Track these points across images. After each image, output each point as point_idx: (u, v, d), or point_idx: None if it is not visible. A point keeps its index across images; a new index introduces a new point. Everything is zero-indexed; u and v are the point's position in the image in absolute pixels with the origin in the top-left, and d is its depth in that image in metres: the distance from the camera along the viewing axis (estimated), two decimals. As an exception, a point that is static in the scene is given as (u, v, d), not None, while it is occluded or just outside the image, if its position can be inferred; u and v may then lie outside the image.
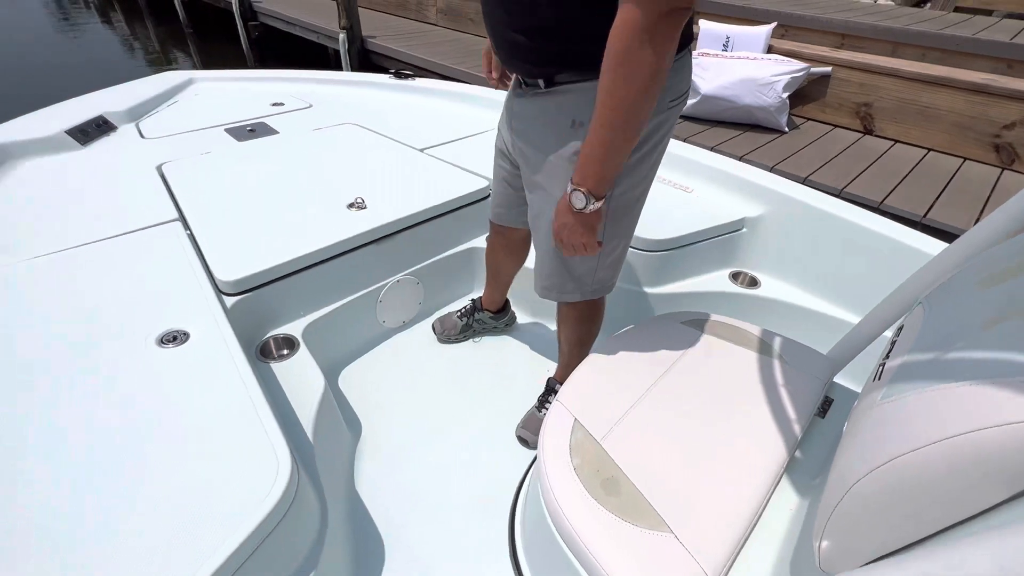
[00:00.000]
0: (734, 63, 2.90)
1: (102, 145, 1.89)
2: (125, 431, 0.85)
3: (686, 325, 1.14)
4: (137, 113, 2.16)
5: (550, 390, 1.41)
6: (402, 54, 4.62)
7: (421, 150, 1.95)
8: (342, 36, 4.79)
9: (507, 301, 1.72)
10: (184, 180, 1.64)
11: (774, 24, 3.39)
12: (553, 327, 1.41)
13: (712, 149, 2.51)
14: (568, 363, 1.34)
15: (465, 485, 1.27)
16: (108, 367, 0.96)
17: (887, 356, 0.74)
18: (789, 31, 3.58)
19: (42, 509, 0.73)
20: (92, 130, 1.94)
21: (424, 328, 1.72)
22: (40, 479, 0.77)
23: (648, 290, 1.62)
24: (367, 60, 4.98)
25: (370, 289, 1.54)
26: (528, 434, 1.37)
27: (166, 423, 0.87)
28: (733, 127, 3.03)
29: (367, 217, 1.50)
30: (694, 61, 2.99)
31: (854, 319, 1.45)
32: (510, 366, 1.63)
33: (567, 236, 0.90)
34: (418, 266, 1.65)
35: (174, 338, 1.04)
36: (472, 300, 1.70)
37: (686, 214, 1.67)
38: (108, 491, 0.76)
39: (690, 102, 3.03)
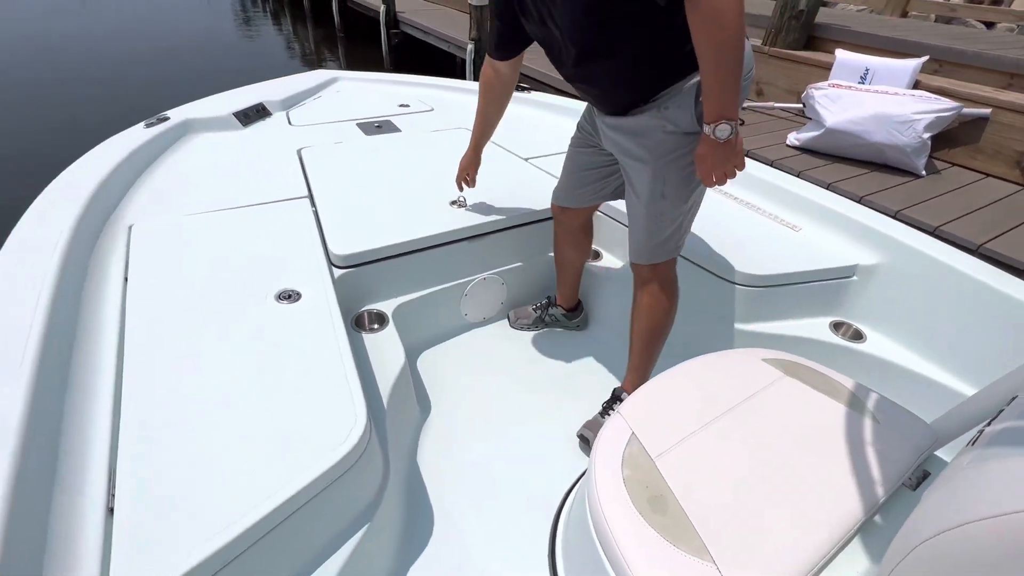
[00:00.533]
0: (869, 96, 2.68)
1: (258, 128, 2.22)
2: (240, 368, 1.01)
3: (768, 363, 1.09)
4: (289, 103, 2.50)
5: (615, 398, 1.44)
6: (525, 68, 4.81)
7: (525, 159, 2.05)
8: (470, 47, 5.10)
9: (580, 303, 1.78)
10: (316, 164, 1.88)
11: (925, 58, 3.08)
12: (626, 339, 1.43)
13: (828, 186, 2.35)
14: (637, 365, 1.38)
15: (517, 479, 1.32)
16: (234, 313, 1.15)
17: (989, 423, 0.69)
18: (944, 66, 3.23)
19: (171, 424, 0.90)
20: (252, 114, 2.28)
21: (501, 327, 1.81)
22: (171, 402, 0.94)
23: (736, 325, 1.55)
24: (490, 70, 5.24)
25: (458, 282, 1.66)
26: (590, 435, 1.41)
27: (272, 366, 1.02)
28: (857, 164, 2.78)
29: (466, 215, 1.62)
30: (823, 92, 2.82)
31: (970, 391, 1.30)
32: (579, 373, 1.66)
33: (720, 167, 1.06)
34: (505, 267, 1.74)
35: (289, 296, 1.21)
36: (548, 296, 1.77)
37: (790, 253, 1.58)
38: (222, 413, 0.92)
39: (812, 134, 2.84)
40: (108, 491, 0.80)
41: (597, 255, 1.89)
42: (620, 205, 1.45)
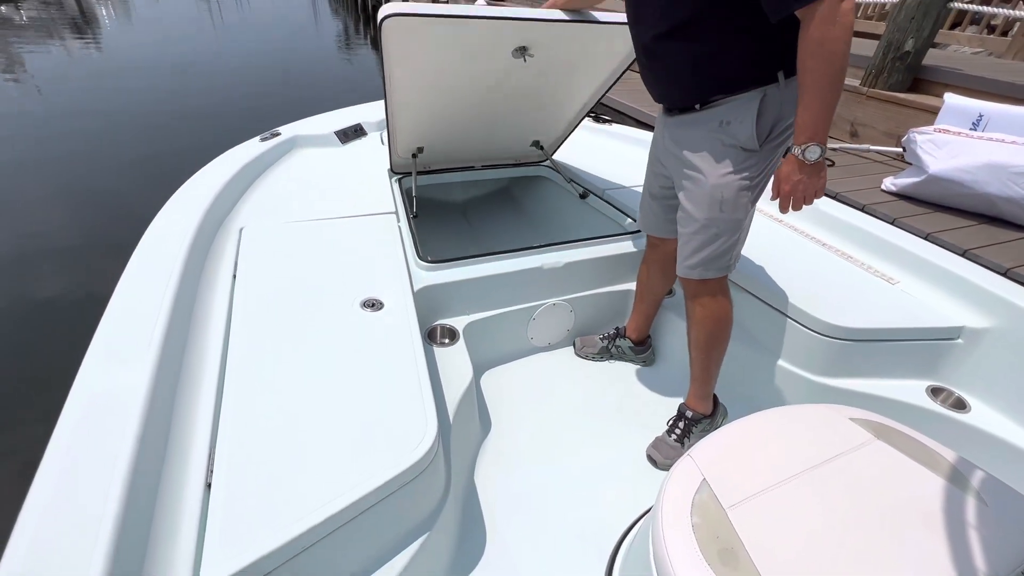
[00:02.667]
0: (981, 144, 2.48)
1: (355, 146, 2.40)
2: (327, 367, 1.09)
3: (857, 423, 1.01)
4: (383, 124, 2.68)
5: (680, 415, 1.44)
6: (606, 96, 4.87)
7: (603, 190, 2.08)
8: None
9: (649, 337, 1.76)
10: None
11: (1052, 105, 2.81)
12: None
13: (927, 236, 2.18)
14: (698, 376, 1.40)
15: (572, 509, 1.31)
16: (324, 315, 1.25)
17: None
18: (1074, 115, 2.92)
19: (264, 413, 0.98)
20: (351, 134, 2.47)
21: (566, 353, 1.82)
22: (265, 393, 1.02)
23: (819, 379, 1.47)
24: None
25: (528, 305, 1.69)
26: (657, 455, 1.42)
27: (355, 369, 1.09)
28: (961, 214, 2.56)
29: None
30: (927, 137, 2.64)
31: None
32: (642, 406, 1.64)
33: (802, 190, 1.07)
34: (575, 295, 1.76)
35: (373, 305, 1.29)
36: (617, 327, 1.77)
37: (885, 307, 1.49)
38: (309, 407, 1.00)
39: (911, 180, 2.65)
40: (208, 467, 0.89)
41: (671, 292, 1.87)
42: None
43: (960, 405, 1.42)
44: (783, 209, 1.12)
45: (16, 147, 5.03)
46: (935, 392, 1.45)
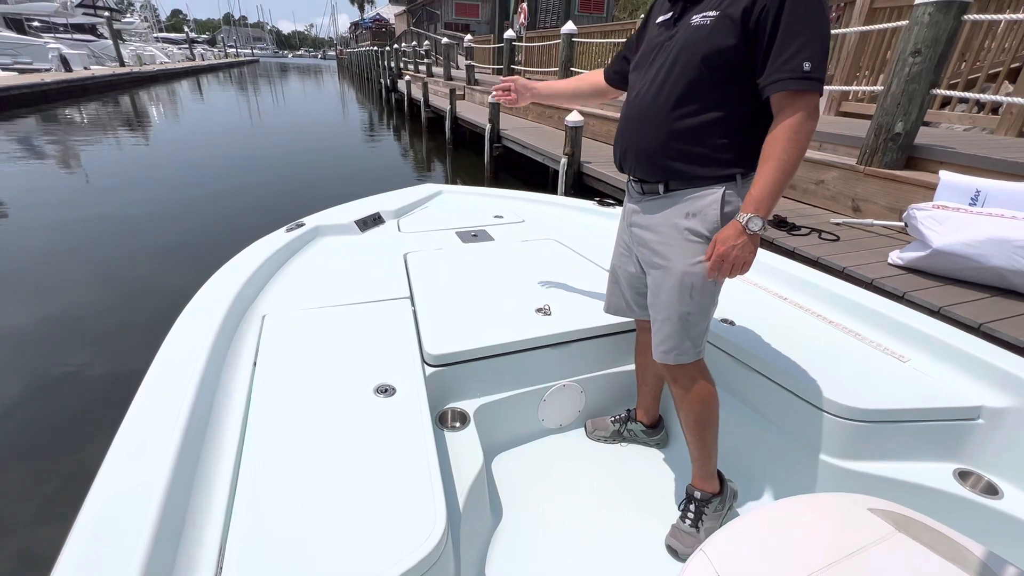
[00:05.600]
0: (981, 219, 2.52)
1: (373, 234, 2.54)
2: (339, 458, 1.12)
3: (876, 514, 0.98)
4: (400, 212, 2.85)
5: (690, 498, 1.42)
6: (611, 178, 5.11)
7: (608, 270, 2.15)
8: (563, 160, 5.54)
9: (661, 418, 1.74)
10: (419, 268, 2.11)
11: (1050, 179, 2.87)
12: None
13: (939, 311, 2.17)
14: (697, 457, 1.40)
15: None
16: (339, 403, 1.28)
17: None
18: (1074, 188, 2.97)
19: (276, 507, 1.00)
20: (370, 222, 2.63)
21: (577, 436, 1.81)
22: (278, 485, 1.04)
23: (837, 462, 1.43)
24: (580, 181, 5.62)
25: (538, 387, 1.71)
26: (677, 544, 1.39)
27: (366, 459, 1.11)
28: (973, 287, 2.55)
29: (550, 323, 1.71)
30: (927, 214, 2.71)
31: None
32: (658, 490, 1.60)
33: (737, 253, 1.13)
34: (585, 376, 1.78)
35: (385, 391, 1.33)
36: (628, 410, 1.76)
37: (898, 386, 1.48)
38: (320, 500, 1.01)
39: (917, 254, 2.69)
40: (218, 563, 0.90)
41: None
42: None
43: (991, 491, 1.36)
44: (711, 270, 1.17)
45: (62, 233, 5.41)
46: (963, 476, 1.39)
